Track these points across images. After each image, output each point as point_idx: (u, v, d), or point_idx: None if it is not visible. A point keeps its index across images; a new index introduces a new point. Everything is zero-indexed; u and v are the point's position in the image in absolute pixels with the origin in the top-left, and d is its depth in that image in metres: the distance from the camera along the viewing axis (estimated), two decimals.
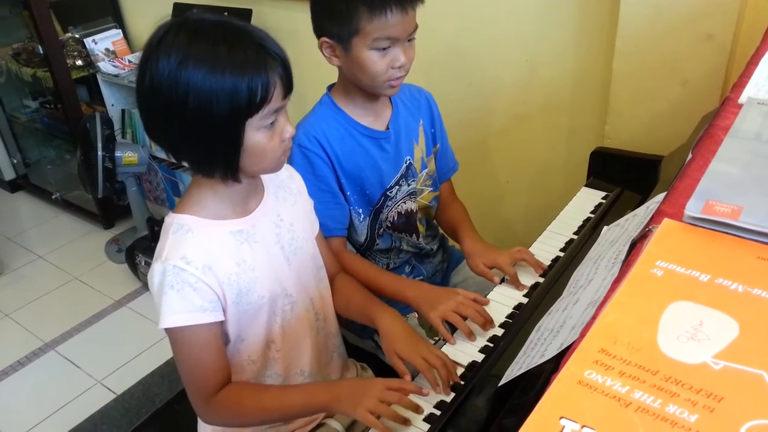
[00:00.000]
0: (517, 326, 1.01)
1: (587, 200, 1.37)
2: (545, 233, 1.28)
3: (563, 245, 1.23)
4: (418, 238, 1.33)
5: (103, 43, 2.66)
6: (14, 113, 3.12)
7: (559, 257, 1.18)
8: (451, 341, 1.02)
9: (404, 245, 1.32)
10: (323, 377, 1.11)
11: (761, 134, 0.76)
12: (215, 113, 0.79)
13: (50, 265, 2.70)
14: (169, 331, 0.88)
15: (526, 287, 1.12)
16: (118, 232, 2.86)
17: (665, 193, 0.76)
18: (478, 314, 1.03)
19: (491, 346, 1.00)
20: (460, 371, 0.96)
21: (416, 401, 0.90)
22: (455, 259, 1.47)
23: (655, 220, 0.70)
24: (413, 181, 1.28)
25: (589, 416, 0.43)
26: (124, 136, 2.77)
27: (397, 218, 1.28)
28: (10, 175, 3.26)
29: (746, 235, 0.60)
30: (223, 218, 0.92)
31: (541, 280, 1.13)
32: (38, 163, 3.24)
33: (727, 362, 0.46)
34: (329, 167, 1.18)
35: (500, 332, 1.02)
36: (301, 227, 1.03)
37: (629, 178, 1.37)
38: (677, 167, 0.92)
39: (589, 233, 1.22)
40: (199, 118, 0.79)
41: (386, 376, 0.94)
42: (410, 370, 0.96)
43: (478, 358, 0.98)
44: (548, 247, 1.23)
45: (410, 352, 0.96)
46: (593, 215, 1.30)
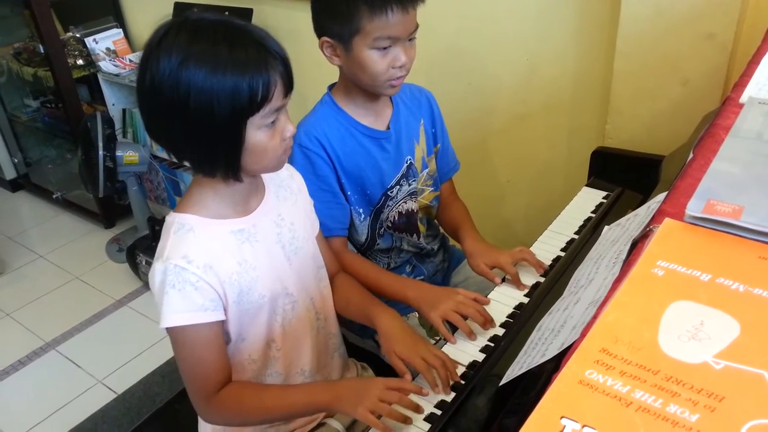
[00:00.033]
0: (517, 326, 1.01)
1: (588, 200, 1.36)
2: (546, 233, 1.28)
3: (564, 245, 1.23)
4: (418, 237, 1.33)
5: (103, 42, 2.66)
6: (15, 112, 3.12)
7: (560, 257, 1.18)
8: (451, 341, 1.02)
9: (405, 245, 1.32)
10: (324, 377, 1.11)
11: (762, 134, 0.76)
12: (216, 113, 0.79)
13: (51, 264, 2.70)
14: (170, 330, 0.88)
15: (527, 287, 1.12)
16: (119, 231, 2.86)
17: (666, 192, 0.76)
18: (478, 314, 1.03)
19: (492, 345, 1.00)
20: (460, 371, 0.96)
21: (417, 401, 0.90)
22: (456, 258, 1.46)
23: (656, 219, 0.70)
24: (414, 180, 1.28)
25: (590, 416, 0.43)
26: (125, 135, 2.77)
27: (397, 218, 1.28)
28: (11, 174, 3.27)
29: (747, 234, 0.60)
30: (224, 217, 0.92)
31: (542, 279, 1.13)
32: (39, 162, 3.24)
33: (728, 362, 0.46)
34: (330, 167, 1.18)
35: (501, 332, 1.02)
36: (301, 227, 1.03)
37: (630, 177, 1.37)
38: (678, 167, 0.92)
39: (590, 233, 1.22)
40: (200, 117, 0.79)
41: (386, 375, 0.94)
42: (410, 369, 0.96)
43: (478, 357, 0.98)
44: (549, 246, 1.23)
45: (409, 352, 0.96)
46: (594, 215, 1.30)
